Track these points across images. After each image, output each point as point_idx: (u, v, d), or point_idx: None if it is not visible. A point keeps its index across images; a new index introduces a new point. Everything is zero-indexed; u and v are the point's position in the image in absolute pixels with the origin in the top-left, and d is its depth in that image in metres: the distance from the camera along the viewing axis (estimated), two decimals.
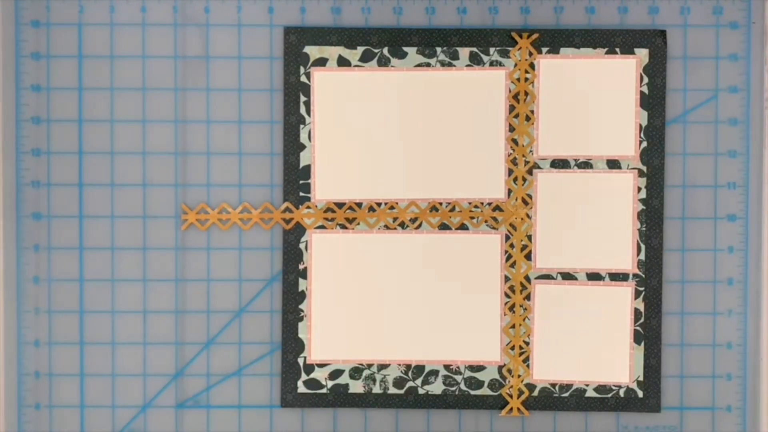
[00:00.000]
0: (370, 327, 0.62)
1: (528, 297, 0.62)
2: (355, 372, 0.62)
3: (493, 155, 0.61)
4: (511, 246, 0.62)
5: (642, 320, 0.62)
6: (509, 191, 0.62)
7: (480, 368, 0.62)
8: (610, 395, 0.62)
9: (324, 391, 0.62)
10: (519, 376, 0.62)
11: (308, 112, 0.62)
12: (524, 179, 0.62)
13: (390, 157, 0.61)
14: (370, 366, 0.62)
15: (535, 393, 0.62)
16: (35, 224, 0.62)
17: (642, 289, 0.62)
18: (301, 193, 0.62)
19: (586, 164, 0.61)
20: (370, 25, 0.62)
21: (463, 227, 0.61)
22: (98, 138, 0.62)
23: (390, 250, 0.62)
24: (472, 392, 0.62)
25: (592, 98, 0.61)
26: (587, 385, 0.62)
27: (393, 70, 0.61)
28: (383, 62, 0.61)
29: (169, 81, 0.62)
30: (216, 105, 0.62)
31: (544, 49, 0.61)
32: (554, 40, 0.61)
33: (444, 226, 0.62)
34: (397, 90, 0.61)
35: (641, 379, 0.62)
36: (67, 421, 0.62)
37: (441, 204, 0.61)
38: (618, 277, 0.62)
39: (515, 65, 0.61)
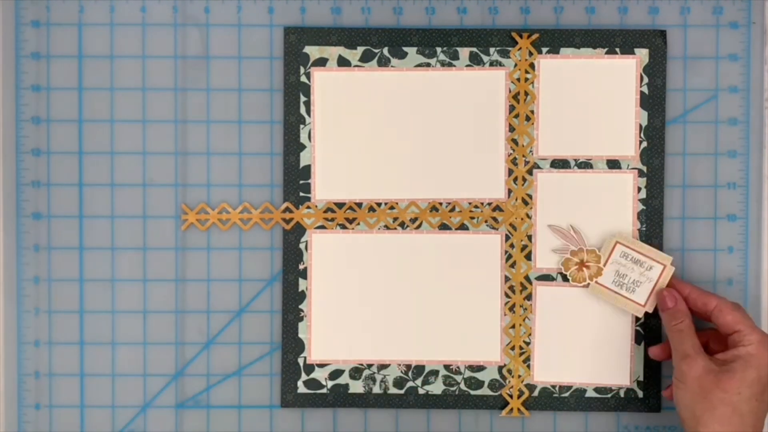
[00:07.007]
0: (370, 327, 0.62)
1: (528, 297, 0.62)
2: (355, 372, 0.62)
3: (493, 155, 0.61)
4: (511, 246, 0.62)
5: (642, 320, 0.62)
6: (509, 191, 0.62)
7: (480, 368, 0.62)
8: (610, 395, 0.62)
9: (324, 391, 0.62)
10: (519, 376, 0.62)
11: (308, 112, 0.62)
12: (524, 179, 0.62)
13: (390, 157, 0.61)
14: (370, 366, 0.62)
15: (536, 393, 0.62)
16: (35, 224, 0.62)
17: None
18: (301, 193, 0.62)
19: (586, 164, 0.61)
20: (370, 25, 0.62)
21: (463, 227, 0.61)
22: (98, 138, 0.62)
23: (390, 250, 0.62)
24: (472, 392, 0.62)
25: (592, 98, 0.61)
26: (587, 386, 0.62)
27: (393, 70, 0.61)
28: (383, 62, 0.61)
29: (169, 81, 0.62)
30: (216, 105, 0.62)
31: (544, 49, 0.61)
32: (554, 40, 0.61)
33: (444, 227, 0.61)
34: (397, 90, 0.61)
35: (641, 379, 0.62)
36: (67, 421, 0.62)
37: (441, 204, 0.61)
38: None
39: (515, 65, 0.61)
